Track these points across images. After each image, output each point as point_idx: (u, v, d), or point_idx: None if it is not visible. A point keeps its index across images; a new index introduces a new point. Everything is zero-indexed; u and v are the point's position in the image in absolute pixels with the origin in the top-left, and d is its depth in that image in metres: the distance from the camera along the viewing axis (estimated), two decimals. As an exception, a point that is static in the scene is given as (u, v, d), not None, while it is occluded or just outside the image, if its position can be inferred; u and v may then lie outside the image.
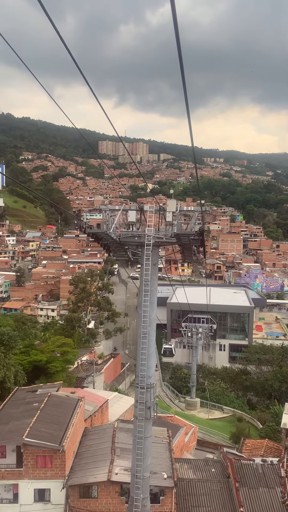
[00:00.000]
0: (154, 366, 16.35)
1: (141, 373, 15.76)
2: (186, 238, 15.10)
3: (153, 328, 16.20)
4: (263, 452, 32.12)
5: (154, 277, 16.39)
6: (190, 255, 17.53)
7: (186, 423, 36.66)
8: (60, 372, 39.36)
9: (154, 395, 16.22)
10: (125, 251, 17.71)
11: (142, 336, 15.80)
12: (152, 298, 16.18)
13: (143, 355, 15.73)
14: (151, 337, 16.09)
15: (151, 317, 16.08)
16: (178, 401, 63.79)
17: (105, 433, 25.14)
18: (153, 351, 16.31)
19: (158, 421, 33.41)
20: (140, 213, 16.56)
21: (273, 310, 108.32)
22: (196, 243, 15.79)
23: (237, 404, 63.23)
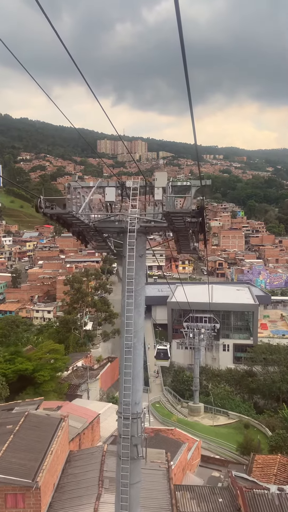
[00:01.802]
0: (141, 389, 12.58)
1: (125, 400, 12.01)
2: (180, 219, 11.30)
3: (140, 339, 12.44)
4: (276, 471, 28.40)
5: (140, 272, 12.62)
6: (187, 243, 13.75)
7: (188, 437, 32.93)
8: (48, 381, 35.70)
9: (142, 427, 12.44)
10: (104, 241, 13.92)
11: (125, 350, 12.04)
12: (139, 300, 12.42)
13: (127, 375, 11.97)
14: (138, 351, 12.33)
15: (138, 325, 12.33)
16: (180, 406, 60.05)
17: (92, 459, 21.41)
18: (141, 370, 12.53)
19: (157, 437, 29.73)
20: (122, 191, 12.79)
21: (277, 307, 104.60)
22: (194, 226, 12.00)
23: (243, 408, 59.49)
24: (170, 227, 12.17)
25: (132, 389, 12.07)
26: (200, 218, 11.71)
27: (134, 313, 12.17)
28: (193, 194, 11.78)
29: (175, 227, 12.15)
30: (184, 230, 12.54)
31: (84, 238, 13.91)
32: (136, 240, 12.26)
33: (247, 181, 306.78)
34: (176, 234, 13.17)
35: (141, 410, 12.47)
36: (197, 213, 11.17)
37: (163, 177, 11.89)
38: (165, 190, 11.94)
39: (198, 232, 12.91)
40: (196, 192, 12.15)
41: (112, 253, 15.09)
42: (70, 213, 11.22)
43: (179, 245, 14.23)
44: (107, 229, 12.98)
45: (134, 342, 12.15)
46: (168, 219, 11.30)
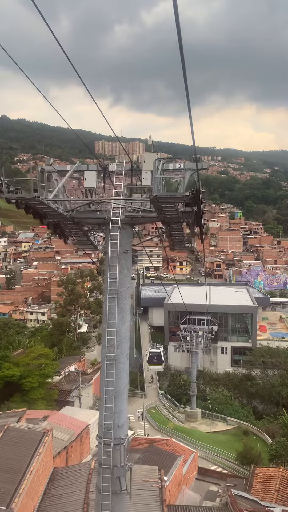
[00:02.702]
0: (125, 409, 10.65)
1: (106, 422, 10.10)
2: (171, 207, 9.40)
3: (124, 350, 10.54)
4: (279, 486, 26.45)
5: (125, 271, 10.74)
6: (181, 238, 11.88)
7: (185, 448, 30.99)
8: (36, 388, 33.71)
9: (125, 455, 10.53)
10: (85, 235, 12.02)
11: (106, 363, 10.12)
12: (123, 303, 10.53)
13: (108, 393, 10.07)
14: (122, 364, 10.43)
15: (122, 334, 10.43)
16: (177, 412, 58.08)
17: (78, 477, 19.46)
18: (126, 387, 10.62)
19: (151, 449, 27.78)
20: (104, 175, 10.90)
21: (276, 309, 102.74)
22: (189, 217, 10.12)
23: (242, 413, 57.52)
24: (160, 217, 10.27)
25: (115, 409, 10.15)
26: (196, 207, 9.83)
27: (118, 320, 10.25)
28: (187, 179, 9.87)
29: (166, 217, 10.25)
30: (177, 221, 10.65)
31: (62, 232, 12.00)
32: (120, 233, 10.37)
33: (245, 182, 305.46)
34: (168, 226, 11.28)
35: (125, 434, 10.55)
36: (192, 200, 9.28)
37: (152, 159, 9.98)
38: (154, 174, 10.04)
39: (193, 224, 11.02)
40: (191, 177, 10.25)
41: (95, 249, 13.16)
42: (37, 199, 9.29)
43: (172, 241, 12.33)
44: (86, 220, 11.08)
45: (117, 354, 10.24)
46: (157, 206, 9.39)
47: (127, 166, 10.84)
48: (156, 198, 8.76)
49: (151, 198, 8.81)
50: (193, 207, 9.99)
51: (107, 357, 10.13)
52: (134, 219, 10.81)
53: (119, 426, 10.29)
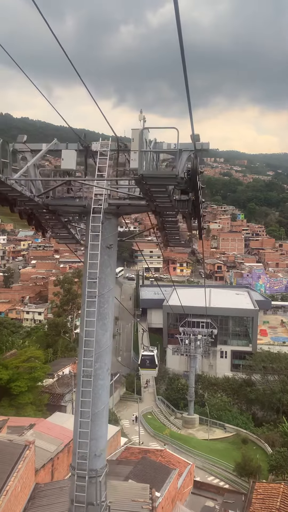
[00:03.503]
0: (105, 435, 8.96)
1: (80, 451, 8.41)
2: (163, 192, 7.70)
3: (104, 364, 8.85)
4: (280, 503, 24.74)
5: (108, 270, 9.06)
6: (176, 233, 10.19)
7: (180, 460, 29.23)
8: (25, 393, 32.01)
9: (103, 490, 8.83)
10: (65, 228, 10.33)
11: (82, 380, 8.45)
12: (104, 308, 8.86)
13: (83, 415, 8.39)
14: (101, 381, 8.75)
15: (102, 344, 8.76)
16: (174, 417, 56.33)
17: (61, 496, 17.73)
18: (105, 408, 8.92)
19: (143, 461, 26.04)
20: (86, 156, 9.23)
21: (277, 312, 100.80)
22: (185, 207, 8.43)
23: (241, 420, 55.74)
24: (151, 205, 8.57)
25: (92, 435, 8.45)
26: (193, 194, 8.14)
27: (98, 328, 8.56)
28: (184, 161, 8.17)
29: (157, 206, 8.55)
30: (171, 211, 8.96)
31: (38, 223, 10.29)
32: (102, 224, 8.69)
33: (248, 184, 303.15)
34: (160, 218, 9.59)
35: (104, 465, 8.85)
36: (188, 184, 7.60)
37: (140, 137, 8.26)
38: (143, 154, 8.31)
39: (191, 216, 9.33)
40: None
41: (78, 244, 11.47)
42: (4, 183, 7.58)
43: (165, 236, 10.63)
44: (63, 208, 9.37)
45: (96, 368, 8.54)
46: (145, 190, 7.69)
47: (113, 145, 9.17)
48: (142, 177, 7.06)
49: (136, 178, 7.11)
50: (190, 195, 8.33)
51: (83, 372, 8.45)
52: (120, 208, 9.13)
53: (96, 455, 8.60)
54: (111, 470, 25.60)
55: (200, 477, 36.63)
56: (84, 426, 8.37)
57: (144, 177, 7.00)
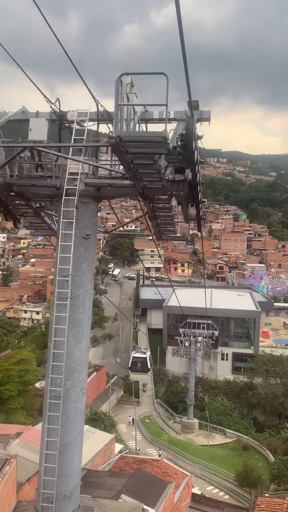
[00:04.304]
0: (78, 470, 7.30)
1: (46, 491, 6.75)
2: (149, 166, 6.00)
3: (78, 382, 7.19)
4: (284, 521, 23.01)
5: (84, 266, 7.39)
6: (170, 223, 8.50)
7: (177, 471, 27.50)
8: (15, 397, 30.36)
9: None
10: (36, 214, 8.64)
11: (50, 402, 6.79)
12: (79, 313, 7.19)
13: (50, 446, 6.74)
14: (74, 404, 7.09)
15: (75, 358, 7.09)
16: (172, 422, 54.62)
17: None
18: (79, 436, 7.24)
19: (138, 474, 24.33)
20: (60, 126, 7.56)
21: (280, 314, 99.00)
22: (179, 189, 6.73)
23: (242, 425, 53.96)
24: (137, 186, 6.88)
25: (60, 471, 6.78)
26: (189, 171, 6.46)
27: (70, 337, 6.88)
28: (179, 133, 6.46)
29: (145, 187, 6.87)
30: (162, 194, 7.27)
31: (7, 210, 8.60)
32: (77, 209, 7.00)
33: (251, 184, 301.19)
34: (150, 204, 7.90)
35: (76, 507, 7.16)
36: (182, 155, 5.91)
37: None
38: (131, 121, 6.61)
39: (187, 200, 7.65)
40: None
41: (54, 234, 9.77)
42: None
43: (158, 226, 8.93)
44: (31, 190, 7.67)
45: (67, 388, 6.86)
46: (127, 163, 5.99)
47: (93, 115, 7.49)
48: (120, 142, 5.34)
49: (112, 143, 5.39)
50: (186, 173, 6.64)
51: (51, 393, 6.78)
52: (101, 190, 7.44)
53: (65, 497, 6.93)
54: (103, 482, 23.97)
55: (199, 486, 35.03)
56: (50, 460, 6.72)
57: (123, 141, 5.31)
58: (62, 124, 7.57)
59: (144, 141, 5.40)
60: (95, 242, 7.76)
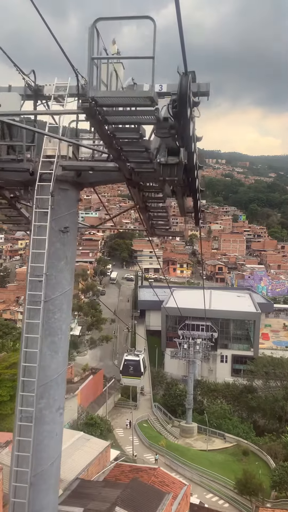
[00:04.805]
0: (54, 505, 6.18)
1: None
2: (135, 139, 4.92)
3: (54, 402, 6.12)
4: (287, 534, 21.98)
5: (62, 264, 6.33)
6: (162, 215, 7.46)
7: (175, 480, 26.43)
8: (8, 402, 29.29)
9: None
10: (10, 205, 7.58)
11: (20, 425, 5.74)
12: (55, 320, 6.13)
13: (19, 478, 5.69)
14: (49, 426, 6.03)
15: (50, 373, 6.03)
16: (171, 426, 53.50)
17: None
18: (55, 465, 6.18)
19: (133, 484, 23.25)
20: (34, 103, 6.52)
21: (280, 316, 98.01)
22: (172, 174, 5.67)
23: (242, 429, 52.90)
24: (124, 170, 5.83)
25: (31, 508, 5.70)
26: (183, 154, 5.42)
27: (44, 348, 5.82)
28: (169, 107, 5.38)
29: (132, 170, 5.82)
30: (153, 180, 6.22)
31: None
32: (53, 197, 5.94)
33: (250, 185, 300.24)
34: (140, 194, 6.85)
35: None
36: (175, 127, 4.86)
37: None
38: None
39: (183, 189, 6.61)
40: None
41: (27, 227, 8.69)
42: None
43: (149, 220, 7.88)
44: (1, 175, 6.63)
45: (41, 407, 5.80)
46: (105, 135, 4.91)
47: (74, 89, 6.43)
48: (94, 105, 4.26)
49: (86, 107, 4.28)
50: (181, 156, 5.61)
51: (21, 413, 5.71)
52: (82, 175, 6.39)
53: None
54: (97, 494, 22.85)
55: (197, 494, 33.92)
56: (20, 494, 5.66)
57: (99, 104, 4.25)
58: (37, 100, 6.54)
59: (126, 105, 4.34)
60: (76, 236, 6.71)
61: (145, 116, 4.42)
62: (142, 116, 4.42)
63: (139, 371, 28.66)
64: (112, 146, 4.99)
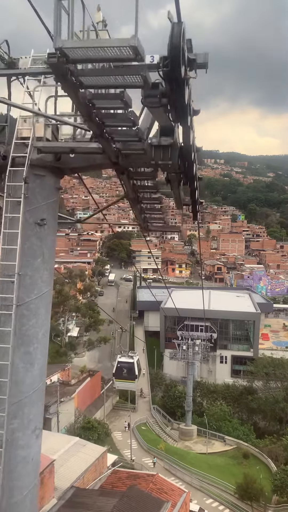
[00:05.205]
0: None
1: None
2: (119, 108, 4.06)
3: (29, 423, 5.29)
4: None
5: (38, 262, 5.50)
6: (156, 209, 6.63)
7: (174, 487, 25.57)
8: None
9: None
10: None
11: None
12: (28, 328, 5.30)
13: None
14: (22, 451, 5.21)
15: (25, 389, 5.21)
16: (170, 428, 52.64)
17: None
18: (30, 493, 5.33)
19: (131, 492, 22.41)
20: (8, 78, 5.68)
21: (279, 316, 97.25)
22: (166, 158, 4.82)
23: (242, 431, 52.07)
24: (108, 151, 4.98)
25: None
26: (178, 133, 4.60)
27: (16, 359, 4.97)
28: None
29: (120, 153, 4.99)
30: (143, 164, 5.40)
31: None
32: (26, 184, 5.10)
33: (248, 185, 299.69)
34: (130, 181, 6.02)
35: None
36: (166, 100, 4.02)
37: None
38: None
39: (178, 176, 5.79)
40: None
41: None
42: None
43: (142, 213, 7.05)
44: None
45: (13, 428, 4.96)
46: (82, 105, 4.06)
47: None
48: (64, 60, 3.41)
49: (52, 62, 3.39)
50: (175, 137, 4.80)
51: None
52: (62, 158, 5.55)
53: None
54: (92, 503, 21.95)
55: (197, 500, 33.05)
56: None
57: (70, 59, 3.41)
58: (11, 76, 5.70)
59: (103, 59, 3.49)
60: (55, 230, 5.87)
61: (129, 76, 3.57)
62: (125, 76, 3.58)
63: (134, 374, 26.01)
64: (92, 118, 4.15)
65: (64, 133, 5.63)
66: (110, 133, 4.58)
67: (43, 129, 5.39)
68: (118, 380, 26.65)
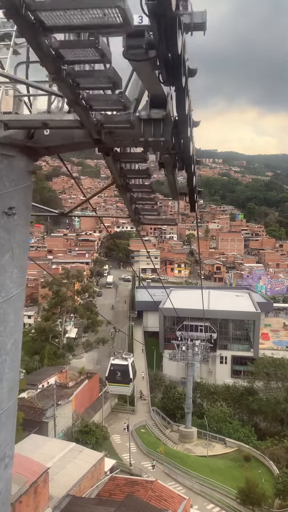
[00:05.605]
0: None
1: None
2: (97, 71, 3.24)
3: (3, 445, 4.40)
4: None
5: (6, 257, 4.65)
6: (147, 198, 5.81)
7: (174, 494, 24.75)
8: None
9: None
10: None
11: None
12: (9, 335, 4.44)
13: None
14: None
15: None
16: (170, 431, 51.83)
17: None
18: None
19: (129, 501, 21.60)
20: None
21: (279, 315, 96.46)
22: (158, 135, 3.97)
23: (243, 433, 51.31)
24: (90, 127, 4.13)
25: None
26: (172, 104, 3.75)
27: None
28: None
29: (102, 127, 4.13)
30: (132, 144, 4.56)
31: None
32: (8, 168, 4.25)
33: (247, 184, 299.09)
34: (116, 165, 5.17)
35: None
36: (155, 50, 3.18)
37: None
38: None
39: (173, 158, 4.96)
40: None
41: None
42: None
43: (131, 202, 6.19)
44: None
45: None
46: (52, 64, 3.21)
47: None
48: (24, 4, 2.55)
49: (9, 13, 2.54)
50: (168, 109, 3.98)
51: None
52: (36, 136, 4.71)
53: None
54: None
55: (198, 505, 32.27)
56: None
57: (32, 8, 2.54)
58: None
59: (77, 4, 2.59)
60: (28, 221, 5.02)
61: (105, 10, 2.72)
62: (96, 10, 2.72)
63: (128, 377, 23.75)
64: (61, 77, 3.30)
65: (38, 108, 4.80)
66: (87, 100, 3.75)
67: (12, 101, 4.56)
68: (112, 384, 24.65)
